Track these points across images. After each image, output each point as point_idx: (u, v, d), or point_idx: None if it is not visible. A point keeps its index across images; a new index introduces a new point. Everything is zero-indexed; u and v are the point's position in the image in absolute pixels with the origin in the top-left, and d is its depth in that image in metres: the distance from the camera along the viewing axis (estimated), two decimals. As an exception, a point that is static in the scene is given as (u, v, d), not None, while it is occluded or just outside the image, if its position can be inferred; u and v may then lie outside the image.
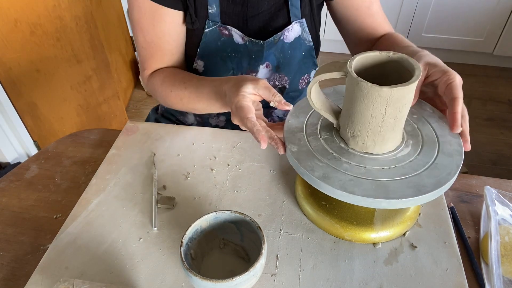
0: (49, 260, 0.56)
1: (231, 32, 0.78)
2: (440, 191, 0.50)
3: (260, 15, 0.78)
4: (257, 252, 0.50)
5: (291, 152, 0.54)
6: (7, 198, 0.68)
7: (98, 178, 0.68)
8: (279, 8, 0.78)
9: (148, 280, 0.53)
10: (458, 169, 0.52)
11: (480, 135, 2.01)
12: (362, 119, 0.51)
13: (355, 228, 0.57)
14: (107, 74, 1.76)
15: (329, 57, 2.50)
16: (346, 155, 0.54)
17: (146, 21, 0.74)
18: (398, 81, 0.49)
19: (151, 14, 0.73)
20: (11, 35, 1.34)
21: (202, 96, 0.70)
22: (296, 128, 0.58)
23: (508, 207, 0.61)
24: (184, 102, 0.74)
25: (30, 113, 1.53)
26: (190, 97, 0.73)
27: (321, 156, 0.54)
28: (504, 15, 2.18)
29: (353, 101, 0.50)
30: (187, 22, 0.75)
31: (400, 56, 0.51)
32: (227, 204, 0.63)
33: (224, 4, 0.76)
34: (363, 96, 0.48)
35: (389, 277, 0.53)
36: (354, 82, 0.49)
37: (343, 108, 0.54)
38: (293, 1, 0.78)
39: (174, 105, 0.78)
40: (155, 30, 0.75)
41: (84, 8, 1.54)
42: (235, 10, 0.77)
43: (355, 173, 0.51)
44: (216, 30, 0.77)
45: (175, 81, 0.75)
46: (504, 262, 0.54)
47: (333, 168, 0.52)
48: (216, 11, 0.76)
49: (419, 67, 0.49)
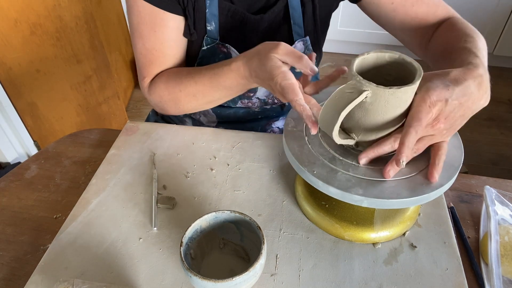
0: (49, 260, 0.56)
1: (229, 51, 0.75)
2: (440, 191, 0.50)
3: (260, 33, 0.76)
4: (257, 252, 0.50)
5: (291, 151, 0.54)
6: (7, 198, 0.68)
7: (98, 178, 0.68)
8: (279, 25, 0.75)
9: (148, 280, 0.53)
10: (458, 169, 0.52)
11: (480, 135, 2.01)
12: (363, 120, 0.51)
13: (355, 228, 0.57)
14: (107, 74, 1.76)
15: (328, 57, 2.50)
16: (346, 155, 0.54)
17: (146, 26, 0.70)
18: (397, 80, 0.49)
19: (152, 19, 0.69)
20: (11, 35, 1.34)
21: (218, 85, 0.66)
22: (296, 128, 0.58)
23: (508, 207, 0.61)
24: (199, 97, 0.70)
25: (30, 113, 1.53)
26: (205, 90, 0.68)
27: (322, 156, 0.54)
28: (504, 15, 2.18)
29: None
30: (185, 33, 0.73)
31: (401, 58, 0.51)
32: (227, 204, 0.63)
33: (222, 19, 0.73)
34: (371, 102, 0.48)
35: (389, 277, 0.53)
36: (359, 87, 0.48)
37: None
38: (295, 19, 0.75)
39: (186, 105, 0.73)
40: (156, 35, 0.71)
41: (84, 8, 1.54)
42: (234, 26, 0.74)
43: (355, 173, 0.51)
44: (215, 47, 0.75)
45: (182, 79, 0.71)
46: (503, 262, 0.54)
47: (333, 168, 0.52)
48: (215, 28, 0.73)
49: (420, 70, 0.48)
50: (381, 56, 0.52)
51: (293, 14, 0.75)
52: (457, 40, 0.62)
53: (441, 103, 0.47)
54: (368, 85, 0.46)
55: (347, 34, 2.41)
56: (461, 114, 0.49)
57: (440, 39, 0.69)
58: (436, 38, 0.70)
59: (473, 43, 0.59)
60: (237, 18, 0.73)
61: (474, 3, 2.15)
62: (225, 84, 0.65)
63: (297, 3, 0.75)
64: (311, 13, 0.76)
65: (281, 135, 0.76)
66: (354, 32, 2.39)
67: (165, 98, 0.74)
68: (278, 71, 0.55)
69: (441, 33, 0.69)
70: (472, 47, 0.57)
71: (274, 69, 0.55)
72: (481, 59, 0.54)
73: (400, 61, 0.51)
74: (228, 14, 0.73)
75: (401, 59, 0.51)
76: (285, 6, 0.75)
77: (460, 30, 0.65)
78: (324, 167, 0.52)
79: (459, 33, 0.64)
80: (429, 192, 0.49)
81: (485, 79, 0.51)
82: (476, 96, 0.49)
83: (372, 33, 2.35)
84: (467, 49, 0.57)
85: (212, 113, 0.86)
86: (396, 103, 0.48)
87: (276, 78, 0.54)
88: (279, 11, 0.75)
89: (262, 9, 0.75)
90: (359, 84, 0.47)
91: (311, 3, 0.75)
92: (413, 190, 0.49)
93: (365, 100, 0.47)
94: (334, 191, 0.49)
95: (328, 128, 0.50)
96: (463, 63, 0.53)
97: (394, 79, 0.52)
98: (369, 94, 0.46)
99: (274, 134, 0.77)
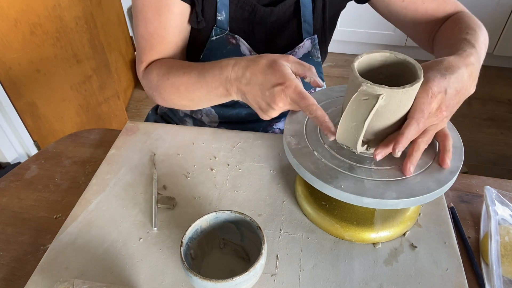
0: (49, 260, 0.56)
1: (239, 42, 0.74)
2: (440, 191, 0.50)
3: (268, 26, 0.75)
4: (257, 252, 0.50)
5: (307, 170, 0.53)
6: (7, 198, 0.68)
7: (98, 178, 0.68)
8: (288, 20, 0.75)
9: (148, 280, 0.53)
10: (458, 169, 0.52)
11: (480, 135, 2.01)
12: (374, 122, 0.50)
13: (355, 228, 0.57)
14: (107, 74, 1.76)
15: (328, 57, 2.49)
16: (362, 161, 0.54)
17: (150, 9, 0.69)
18: (390, 78, 0.49)
19: (157, 2, 0.68)
20: (11, 35, 1.34)
21: (204, 82, 0.64)
22: (300, 145, 0.58)
23: (508, 207, 0.61)
24: (181, 91, 0.68)
25: (30, 113, 1.53)
26: (189, 84, 0.66)
27: (340, 167, 0.53)
28: (504, 15, 2.18)
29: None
30: (192, 20, 0.72)
31: (402, 58, 0.51)
32: (227, 204, 0.63)
33: (232, 8, 0.72)
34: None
35: (389, 277, 0.53)
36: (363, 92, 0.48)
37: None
38: (306, 17, 0.75)
39: (169, 96, 0.71)
40: (160, 20, 0.70)
41: (84, 8, 1.54)
42: (243, 17, 0.74)
43: (354, 173, 0.51)
44: (224, 38, 0.74)
45: (172, 68, 0.69)
46: (504, 262, 0.54)
47: (357, 177, 0.51)
48: (225, 18, 0.72)
49: (421, 71, 0.48)
50: (372, 57, 0.52)
51: (303, 12, 0.75)
52: (459, 33, 0.63)
53: (442, 93, 0.49)
54: (381, 89, 0.46)
55: (347, 34, 2.41)
56: (457, 101, 0.51)
57: (444, 33, 0.70)
58: (441, 31, 0.72)
59: (474, 35, 0.61)
60: (247, 8, 0.73)
61: (474, 3, 2.15)
62: (208, 80, 0.63)
63: (308, 1, 0.74)
64: (320, 10, 0.76)
65: (281, 135, 0.76)
66: (354, 32, 2.39)
67: (153, 83, 0.72)
68: (293, 77, 0.54)
69: (446, 27, 0.70)
70: (471, 39, 0.59)
71: (289, 75, 0.54)
72: (477, 49, 0.56)
73: (393, 59, 0.51)
74: (238, 4, 0.73)
75: (393, 57, 0.51)
76: (296, 2, 0.74)
77: (464, 23, 0.66)
78: (349, 179, 0.51)
79: (462, 26, 0.65)
80: (429, 192, 0.49)
81: (476, 68, 0.53)
82: (468, 83, 0.52)
83: (372, 33, 2.35)
84: (466, 40, 0.59)
85: (215, 113, 0.86)
86: (407, 101, 0.48)
87: (290, 83, 0.53)
88: (289, 5, 0.74)
89: (273, 2, 0.74)
90: (371, 90, 0.46)
91: (322, 1, 0.75)
92: (413, 190, 0.49)
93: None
94: (368, 200, 0.48)
95: (351, 140, 0.49)
96: (458, 52, 0.55)
97: (386, 77, 0.53)
98: (383, 97, 0.46)
99: (275, 134, 0.77)
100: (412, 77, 0.48)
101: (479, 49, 0.57)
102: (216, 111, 0.86)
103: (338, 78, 2.37)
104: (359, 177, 0.51)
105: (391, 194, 0.48)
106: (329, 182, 0.50)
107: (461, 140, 0.56)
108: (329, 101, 0.63)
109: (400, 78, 0.50)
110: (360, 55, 0.51)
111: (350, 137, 0.49)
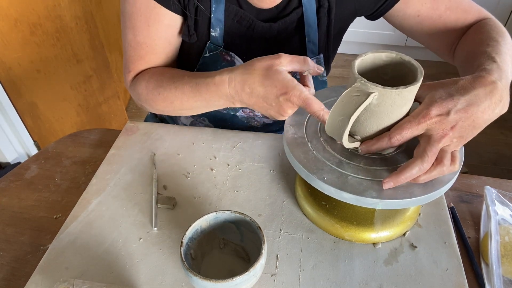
0: (49, 260, 0.56)
1: (233, 59, 0.71)
2: (440, 191, 0.50)
3: (268, 42, 0.71)
4: (257, 252, 0.50)
5: (296, 159, 0.53)
6: (7, 198, 0.68)
7: (98, 178, 0.68)
8: (290, 36, 0.71)
9: (148, 280, 0.53)
10: (458, 169, 0.52)
11: (480, 135, 1.99)
12: (368, 121, 0.50)
13: (355, 228, 0.57)
14: (107, 74, 1.76)
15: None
16: (353, 158, 0.54)
17: (140, 18, 0.66)
18: (395, 79, 0.49)
19: (147, 12, 0.65)
20: (11, 35, 1.34)
21: (199, 96, 0.62)
22: (297, 135, 0.58)
23: (508, 207, 0.61)
24: (176, 104, 0.66)
25: (30, 113, 1.53)
26: (183, 98, 0.64)
27: (328, 161, 0.53)
28: (504, 15, 2.18)
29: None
30: (183, 33, 0.69)
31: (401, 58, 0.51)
32: (227, 204, 0.63)
33: (228, 23, 0.69)
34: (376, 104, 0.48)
35: (389, 277, 0.53)
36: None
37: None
38: (311, 37, 0.71)
39: (162, 109, 0.70)
40: (149, 30, 0.67)
41: (84, 8, 1.54)
42: (240, 32, 0.70)
43: (342, 168, 0.51)
44: (218, 55, 0.71)
45: (163, 82, 0.67)
46: (504, 262, 0.54)
47: (342, 172, 0.51)
48: (220, 34, 0.69)
49: (421, 71, 0.48)
50: (378, 56, 0.52)
51: (308, 31, 0.71)
52: (480, 44, 0.59)
53: (443, 116, 0.46)
54: (374, 87, 0.46)
55: (347, 34, 2.40)
56: (470, 124, 0.47)
57: (465, 44, 0.66)
58: (461, 43, 0.68)
59: (496, 47, 0.56)
60: (244, 24, 0.70)
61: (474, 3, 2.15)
62: (206, 96, 0.62)
63: (313, 20, 0.70)
64: (325, 29, 0.72)
65: (281, 135, 0.76)
66: (354, 32, 2.38)
67: (143, 97, 0.71)
68: (294, 83, 0.52)
69: (467, 37, 0.66)
70: (491, 51, 0.55)
71: (290, 82, 0.52)
72: (499, 64, 0.52)
73: (398, 60, 0.51)
74: (235, 19, 0.69)
75: (399, 58, 0.51)
76: (298, 19, 0.71)
77: (485, 33, 0.62)
78: (334, 173, 0.51)
79: (483, 36, 0.61)
80: (429, 192, 0.49)
81: (498, 86, 0.48)
82: (486, 104, 0.47)
83: (372, 33, 2.34)
84: (487, 53, 0.55)
85: (209, 123, 0.85)
86: (401, 103, 0.48)
87: (293, 91, 0.52)
88: (291, 22, 0.71)
89: (273, 19, 0.71)
90: (364, 87, 0.47)
91: (327, 18, 0.71)
92: (413, 191, 0.49)
93: (371, 102, 0.47)
94: (348, 196, 0.49)
95: (337, 133, 0.50)
96: (478, 69, 0.51)
97: (391, 78, 0.53)
98: (375, 95, 0.46)
99: (274, 134, 0.77)
100: (414, 80, 0.48)
101: (502, 63, 0.52)
102: (211, 121, 0.85)
103: (338, 78, 2.36)
104: (344, 173, 0.51)
105: (371, 193, 0.49)
106: (313, 172, 0.51)
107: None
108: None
109: (404, 80, 0.50)
110: (364, 53, 0.51)
111: (336, 130, 0.50)
